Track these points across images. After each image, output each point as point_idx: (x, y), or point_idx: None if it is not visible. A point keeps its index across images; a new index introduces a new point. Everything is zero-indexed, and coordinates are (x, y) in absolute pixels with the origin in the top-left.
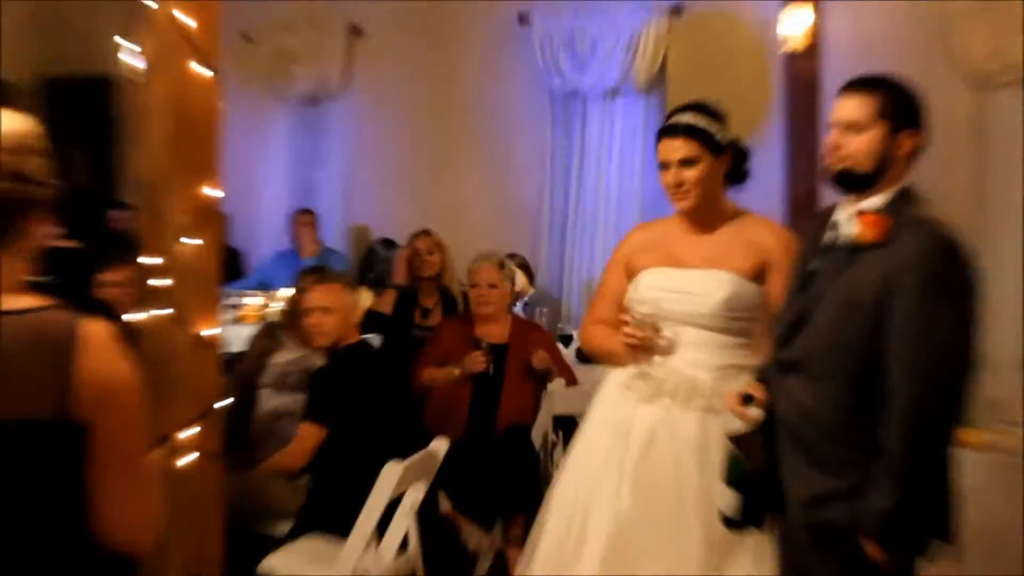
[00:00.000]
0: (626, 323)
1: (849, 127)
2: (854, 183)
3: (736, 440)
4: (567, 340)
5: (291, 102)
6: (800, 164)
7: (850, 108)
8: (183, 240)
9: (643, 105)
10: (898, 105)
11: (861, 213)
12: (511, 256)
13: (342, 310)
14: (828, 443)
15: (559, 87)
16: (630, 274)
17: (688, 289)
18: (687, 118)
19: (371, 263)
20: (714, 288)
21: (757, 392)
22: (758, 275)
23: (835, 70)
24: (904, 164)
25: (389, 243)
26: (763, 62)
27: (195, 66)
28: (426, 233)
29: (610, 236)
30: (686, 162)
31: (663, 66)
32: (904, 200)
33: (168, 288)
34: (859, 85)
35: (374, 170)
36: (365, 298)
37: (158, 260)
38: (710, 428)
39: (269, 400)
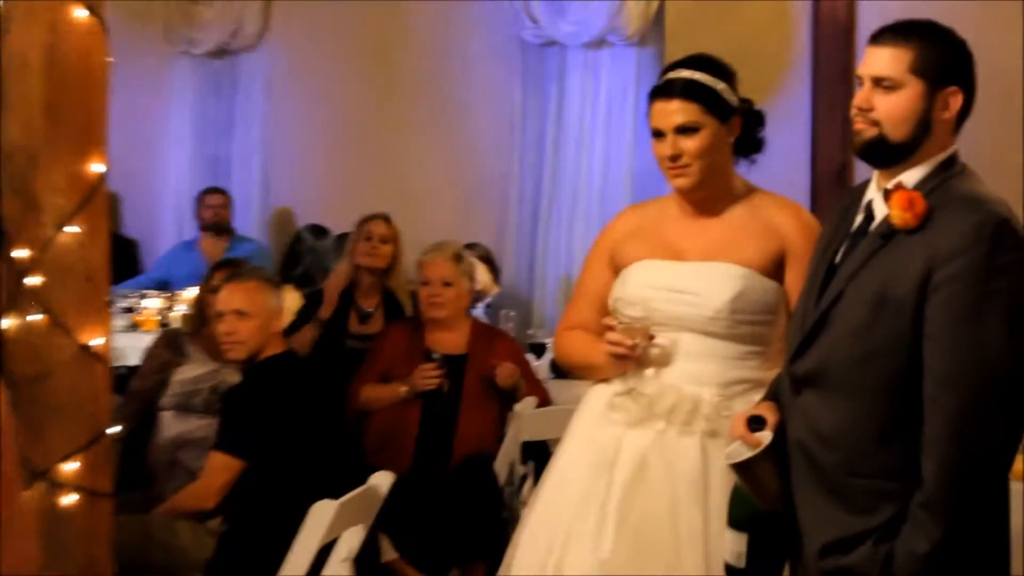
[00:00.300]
0: (611, 329)
1: (879, 84)
2: (886, 154)
3: (741, 470)
4: (539, 350)
5: (196, 55)
6: (830, 131)
7: (880, 61)
8: (62, 228)
9: (635, 59)
10: (938, 58)
11: (894, 190)
12: (470, 247)
13: (261, 314)
14: (853, 474)
15: (531, 36)
16: (616, 268)
17: (687, 287)
18: (686, 74)
19: (297, 255)
20: (719, 285)
21: (768, 413)
22: (774, 269)
23: (875, 11)
24: (947, 129)
25: (319, 231)
26: (784, 4)
27: (75, 9)
28: (384, 218)
29: (593, 222)
30: (685, 129)
31: (659, 10)
32: (946, 173)
33: (44, 288)
34: (891, 33)
35: (300, 140)
36: (290, 299)
37: (30, 253)
38: (713, 458)
39: (172, 425)
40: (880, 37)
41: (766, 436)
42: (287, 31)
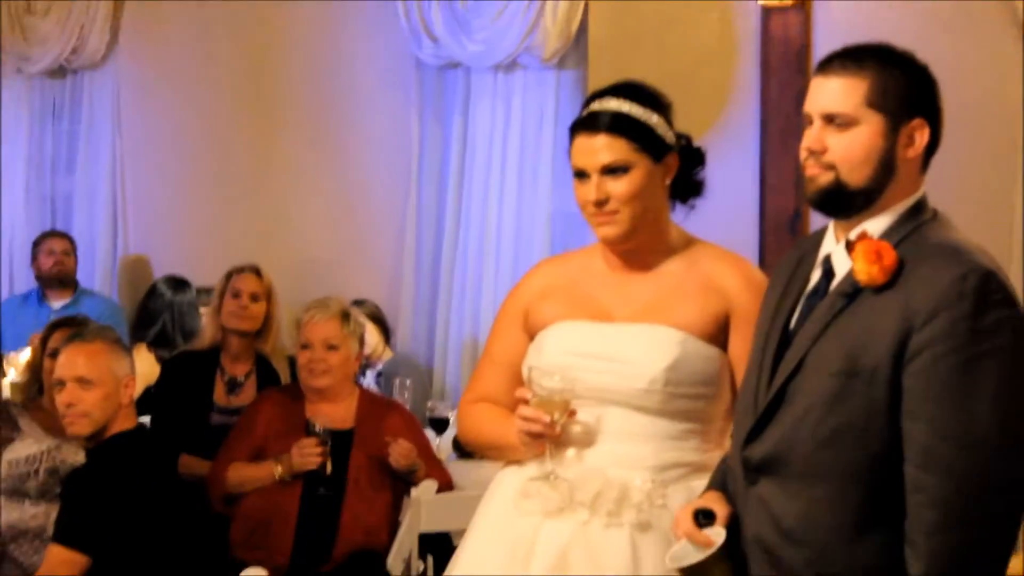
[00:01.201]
0: (525, 402)
1: (831, 121)
2: (845, 202)
3: (690, 574)
4: (440, 426)
5: (31, 73)
6: (782, 171)
7: (830, 95)
8: None
9: (553, 84)
10: (898, 87)
11: (857, 240)
12: (358, 303)
13: (107, 383)
14: (823, 574)
15: (431, 58)
16: (530, 332)
17: (615, 354)
18: (614, 105)
19: (153, 313)
20: (653, 352)
21: (717, 506)
22: (716, 333)
23: (835, 30)
24: (914, 169)
25: (179, 283)
26: (728, 22)
27: None
28: (254, 271)
29: (504, 275)
30: (612, 170)
31: (582, 29)
32: (916, 220)
33: None
34: (840, 61)
35: (155, 175)
36: (145, 363)
37: None
38: (645, 552)
39: (2, 513)
40: (828, 66)
41: (719, 534)
42: (139, 46)
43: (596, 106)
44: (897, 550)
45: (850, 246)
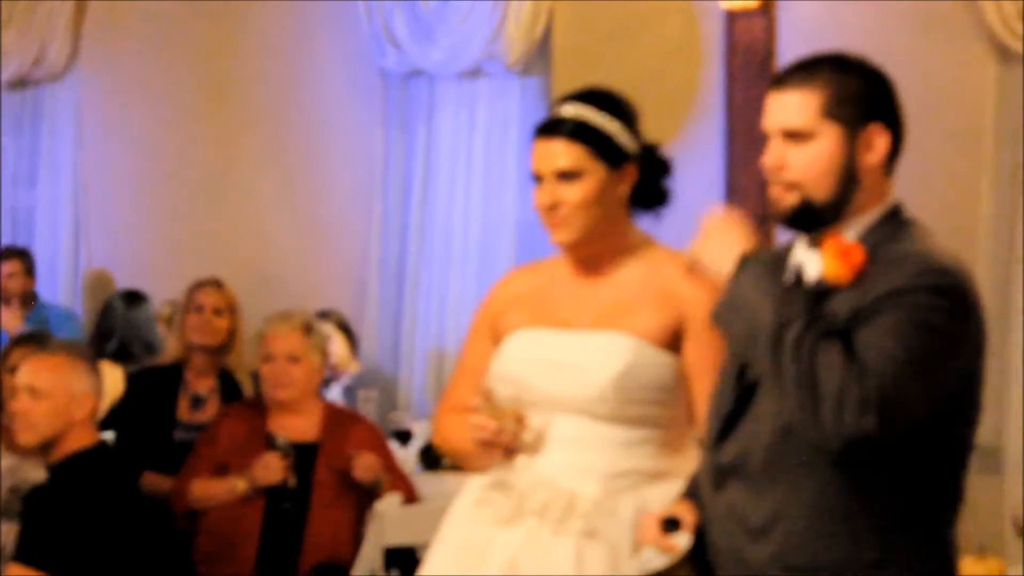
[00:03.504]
0: (476, 410)
1: (790, 137)
2: (815, 218)
3: None
4: (404, 437)
5: None
6: (747, 176)
7: (787, 109)
8: None
9: (518, 91)
10: (852, 94)
11: (828, 238)
12: (323, 315)
13: (58, 396)
14: (788, 568)
15: (395, 65)
16: (497, 340)
17: (567, 361)
18: (573, 111)
19: (108, 329)
20: (605, 358)
21: (685, 513)
22: (671, 340)
23: (800, 34)
24: (878, 176)
25: (134, 297)
26: (693, 27)
27: None
28: (216, 285)
29: (470, 284)
30: (566, 175)
31: (546, 35)
32: (889, 226)
33: None
34: (793, 75)
35: (118, 188)
36: (110, 379)
37: None
38: (589, 559)
39: None
40: (783, 81)
41: (684, 540)
42: (101, 58)
43: (557, 111)
44: (858, 539)
45: (819, 243)
